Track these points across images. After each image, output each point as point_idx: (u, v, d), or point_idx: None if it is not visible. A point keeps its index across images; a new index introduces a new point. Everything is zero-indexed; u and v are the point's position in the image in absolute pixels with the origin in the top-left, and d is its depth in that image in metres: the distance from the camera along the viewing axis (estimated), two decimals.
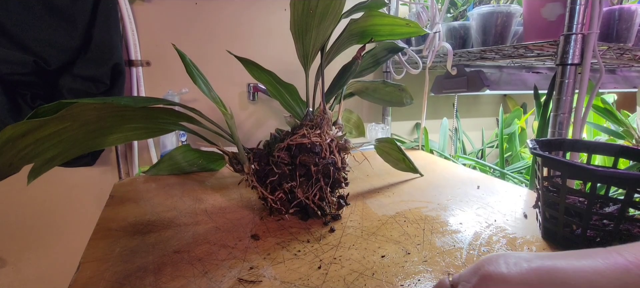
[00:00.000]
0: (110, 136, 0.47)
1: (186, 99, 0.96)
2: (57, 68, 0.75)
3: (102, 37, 0.78)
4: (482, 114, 1.46)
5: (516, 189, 0.63)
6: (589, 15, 0.59)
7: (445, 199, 0.58)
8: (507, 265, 0.20)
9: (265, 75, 0.55)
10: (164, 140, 0.90)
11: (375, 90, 0.76)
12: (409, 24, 0.57)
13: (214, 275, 0.35)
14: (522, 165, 1.13)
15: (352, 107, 1.20)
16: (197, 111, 0.48)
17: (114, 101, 0.38)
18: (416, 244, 0.42)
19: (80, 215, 0.92)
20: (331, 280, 0.35)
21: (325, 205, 0.50)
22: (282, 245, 0.42)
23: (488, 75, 0.97)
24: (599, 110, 1.05)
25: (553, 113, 0.63)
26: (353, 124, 0.98)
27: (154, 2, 0.89)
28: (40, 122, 0.35)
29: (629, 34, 0.72)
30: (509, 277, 0.19)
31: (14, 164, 0.36)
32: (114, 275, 0.36)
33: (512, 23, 0.81)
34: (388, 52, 0.70)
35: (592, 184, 0.37)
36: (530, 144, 0.45)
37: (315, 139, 0.48)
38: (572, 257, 0.19)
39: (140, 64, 0.90)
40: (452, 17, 1.03)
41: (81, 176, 0.91)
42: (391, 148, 0.68)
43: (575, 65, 0.60)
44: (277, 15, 1.03)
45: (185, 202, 0.56)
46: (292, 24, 0.49)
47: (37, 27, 0.72)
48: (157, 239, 0.43)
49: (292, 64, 1.07)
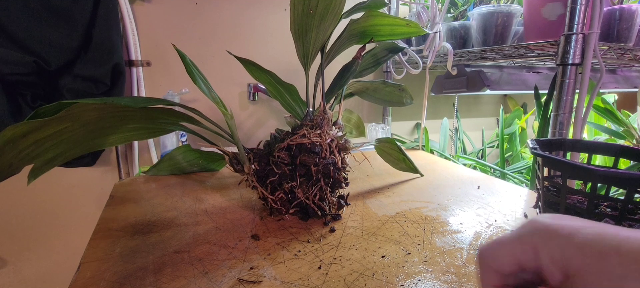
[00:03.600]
0: (111, 136, 0.47)
1: (186, 99, 0.96)
2: (57, 68, 0.75)
3: (102, 37, 0.78)
4: (483, 114, 1.46)
5: (516, 189, 0.63)
6: (589, 15, 0.58)
7: (446, 199, 0.58)
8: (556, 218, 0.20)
9: (265, 75, 0.55)
10: (164, 141, 0.90)
11: (375, 90, 0.76)
12: (409, 24, 0.57)
13: (214, 275, 0.35)
14: (522, 165, 1.13)
15: (352, 107, 1.20)
16: (197, 111, 0.48)
17: (114, 101, 0.38)
18: (416, 244, 0.42)
19: (81, 215, 0.92)
20: (331, 280, 0.35)
21: (326, 205, 0.50)
22: (282, 245, 0.42)
23: (488, 75, 0.97)
24: (600, 110, 1.05)
25: (553, 113, 0.63)
26: (353, 124, 0.98)
27: (154, 2, 0.89)
28: (41, 122, 0.35)
29: (629, 34, 0.72)
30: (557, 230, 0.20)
31: (14, 165, 0.36)
32: (114, 275, 0.36)
33: (513, 23, 0.81)
34: (388, 52, 0.70)
35: (593, 184, 0.36)
36: (531, 144, 0.45)
37: (316, 139, 0.48)
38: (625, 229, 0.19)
39: (140, 64, 0.90)
40: (453, 17, 1.03)
41: (81, 176, 0.91)
42: (391, 148, 0.68)
43: (576, 65, 0.60)
44: (277, 15, 1.03)
45: (185, 202, 0.56)
46: (292, 24, 0.49)
47: (38, 27, 0.72)
48: (157, 239, 0.43)
49: (292, 64, 1.07)
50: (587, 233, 0.19)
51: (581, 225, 0.20)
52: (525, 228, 0.21)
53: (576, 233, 0.19)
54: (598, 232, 0.19)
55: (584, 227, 0.19)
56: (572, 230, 0.19)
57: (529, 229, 0.21)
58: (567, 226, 0.20)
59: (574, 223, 0.20)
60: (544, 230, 0.20)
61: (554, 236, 0.20)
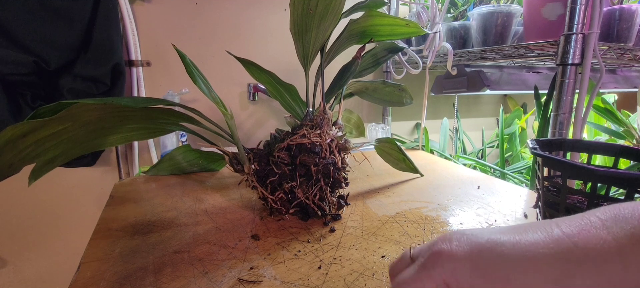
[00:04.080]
0: (111, 136, 0.47)
1: (186, 99, 0.96)
2: (57, 68, 0.75)
3: (102, 37, 0.78)
4: (483, 114, 1.46)
5: (516, 189, 0.63)
6: (589, 15, 0.58)
7: (446, 199, 0.58)
8: (457, 241, 0.21)
9: (265, 75, 0.55)
10: (164, 141, 0.90)
11: (375, 90, 0.76)
12: (408, 24, 0.57)
13: (214, 275, 0.35)
14: (522, 165, 1.13)
15: (352, 107, 1.20)
16: (197, 111, 0.48)
17: (114, 101, 0.38)
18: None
19: (81, 215, 0.92)
20: (331, 280, 0.35)
21: (326, 205, 0.50)
22: (282, 245, 0.42)
23: (488, 75, 0.97)
24: (600, 110, 1.05)
25: (553, 113, 0.63)
26: (353, 124, 0.98)
27: (154, 2, 0.89)
28: (41, 122, 0.35)
29: (629, 34, 0.72)
30: (455, 253, 0.21)
31: (14, 165, 0.36)
32: (114, 275, 0.36)
33: (513, 23, 0.81)
34: (388, 52, 0.70)
35: (593, 184, 0.36)
36: (531, 144, 0.45)
37: (315, 139, 0.48)
38: (517, 232, 0.20)
39: (140, 64, 0.90)
40: (453, 17, 1.03)
41: (81, 176, 0.91)
42: (391, 148, 0.68)
43: (576, 65, 0.60)
44: (277, 15, 1.03)
45: (185, 202, 0.56)
46: (292, 24, 0.49)
47: (37, 27, 0.72)
48: (157, 239, 0.43)
49: (292, 64, 1.07)
50: (489, 257, 0.20)
51: (481, 244, 0.20)
52: (430, 261, 0.22)
53: (478, 258, 0.20)
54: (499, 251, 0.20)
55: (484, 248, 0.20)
56: (473, 255, 0.20)
57: (433, 261, 0.22)
58: (467, 252, 0.21)
59: (474, 242, 0.21)
60: (448, 261, 0.21)
61: (459, 268, 0.20)
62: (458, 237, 0.21)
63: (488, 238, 0.20)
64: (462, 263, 0.20)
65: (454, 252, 0.21)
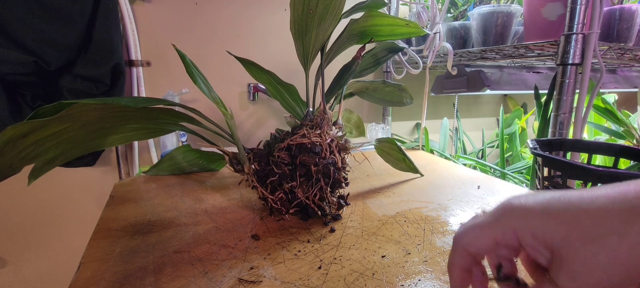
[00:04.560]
0: (111, 136, 0.47)
1: (186, 99, 0.96)
2: (57, 68, 0.75)
3: (102, 37, 0.78)
4: (483, 113, 1.46)
5: (517, 189, 0.63)
6: (589, 15, 0.58)
7: (446, 199, 0.58)
8: (525, 198, 0.22)
9: (265, 75, 0.55)
10: (164, 141, 0.90)
11: (375, 90, 0.76)
12: (409, 24, 0.57)
13: (214, 275, 0.35)
14: (522, 165, 1.13)
15: (352, 107, 1.20)
16: (197, 111, 0.48)
17: (115, 101, 0.38)
18: (416, 244, 0.42)
19: (81, 215, 0.93)
20: (331, 280, 0.35)
21: (326, 205, 0.50)
22: (282, 245, 0.42)
23: (488, 75, 0.97)
24: (600, 110, 1.05)
25: (554, 113, 0.63)
26: (353, 123, 0.98)
27: (154, 2, 0.89)
28: (41, 122, 0.35)
29: (629, 34, 0.72)
30: (525, 204, 0.22)
31: (14, 165, 0.37)
32: (114, 275, 0.36)
33: (513, 23, 0.81)
34: (388, 52, 0.70)
35: (593, 184, 0.36)
36: (531, 144, 0.45)
37: (316, 139, 0.48)
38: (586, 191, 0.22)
39: (140, 64, 0.90)
40: (453, 17, 1.03)
41: (81, 176, 0.91)
42: (391, 148, 0.68)
43: (576, 65, 0.60)
44: (277, 15, 1.03)
45: (185, 202, 0.56)
46: (292, 24, 0.49)
47: (37, 28, 0.72)
48: (157, 239, 0.43)
49: (292, 64, 1.07)
50: (558, 205, 0.21)
51: (550, 197, 0.21)
52: (501, 212, 0.23)
53: (548, 207, 0.21)
54: (567, 201, 0.21)
55: (552, 199, 0.21)
56: (544, 205, 0.21)
57: (504, 212, 0.23)
58: (538, 202, 0.22)
59: (544, 197, 0.22)
60: (520, 212, 0.22)
61: (531, 215, 0.21)
62: (525, 195, 0.23)
63: (554, 194, 0.22)
64: (533, 212, 0.21)
65: (524, 203, 0.22)
